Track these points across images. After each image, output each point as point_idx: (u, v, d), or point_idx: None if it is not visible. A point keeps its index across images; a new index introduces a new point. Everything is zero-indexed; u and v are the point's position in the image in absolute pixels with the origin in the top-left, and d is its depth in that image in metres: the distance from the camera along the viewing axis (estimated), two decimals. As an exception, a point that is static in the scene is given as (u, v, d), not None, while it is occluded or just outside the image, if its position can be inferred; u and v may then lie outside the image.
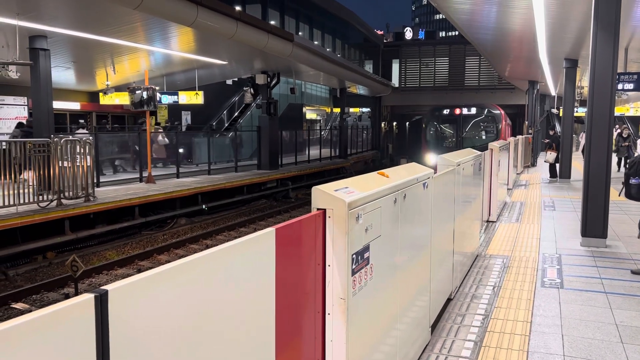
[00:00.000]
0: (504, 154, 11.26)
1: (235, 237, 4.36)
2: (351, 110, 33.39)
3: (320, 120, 37.82)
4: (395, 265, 3.17)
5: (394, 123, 42.81)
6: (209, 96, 20.04)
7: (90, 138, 10.99)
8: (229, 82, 25.21)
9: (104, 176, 13.76)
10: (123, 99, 17.82)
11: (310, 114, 36.03)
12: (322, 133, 27.32)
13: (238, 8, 16.98)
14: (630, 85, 11.82)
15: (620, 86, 11.67)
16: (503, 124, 21.60)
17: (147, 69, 15.58)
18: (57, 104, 16.48)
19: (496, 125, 21.47)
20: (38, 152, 9.57)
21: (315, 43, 27.95)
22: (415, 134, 24.69)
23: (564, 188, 14.11)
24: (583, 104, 21.11)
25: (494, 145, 9.71)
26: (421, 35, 55.56)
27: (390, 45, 43.12)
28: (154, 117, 20.14)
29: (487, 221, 9.02)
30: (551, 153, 16.15)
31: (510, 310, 4.74)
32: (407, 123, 43.65)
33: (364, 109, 40.00)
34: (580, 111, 21.88)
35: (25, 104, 16.95)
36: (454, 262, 5.11)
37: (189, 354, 1.55)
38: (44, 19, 10.19)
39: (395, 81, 38.62)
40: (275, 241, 2.00)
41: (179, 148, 16.73)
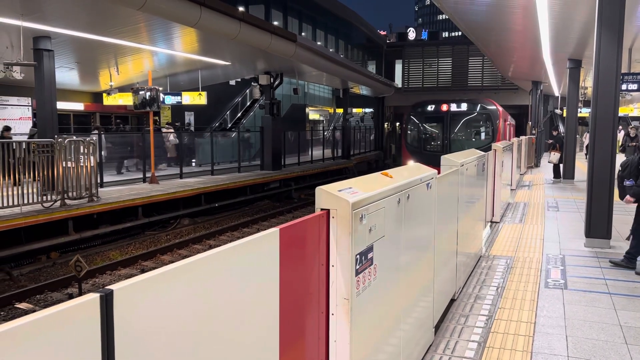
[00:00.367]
0: (507, 155, 11.24)
1: (238, 238, 4.36)
2: (354, 110, 33.41)
3: (323, 120, 37.83)
4: (399, 266, 3.17)
5: (397, 124, 42.77)
6: (212, 97, 20.07)
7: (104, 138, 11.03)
8: (232, 83, 25.24)
9: (108, 176, 13.79)
10: (127, 100, 17.89)
11: (313, 115, 36.03)
12: (325, 134, 27.29)
13: (241, 9, 17.03)
14: (634, 86, 11.78)
15: (624, 86, 11.64)
16: (500, 122, 17.65)
17: (151, 69, 15.61)
18: (61, 105, 16.53)
19: (492, 124, 17.66)
20: (42, 153, 9.60)
21: (318, 44, 27.94)
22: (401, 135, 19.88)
23: (567, 189, 14.07)
24: (587, 104, 21.08)
25: (497, 146, 9.67)
26: (424, 35, 55.46)
27: (393, 45, 43.08)
28: (160, 118, 20.23)
29: (491, 222, 9.00)
30: (555, 153, 16.10)
31: (514, 311, 4.73)
32: (397, 123, 40.51)
33: (367, 110, 39.98)
34: (584, 111, 21.76)
35: (29, 104, 17.00)
36: (457, 263, 5.10)
37: (193, 354, 1.55)
38: (48, 20, 10.22)
39: (398, 82, 38.61)
40: (279, 241, 2.00)
41: (192, 148, 17.00)
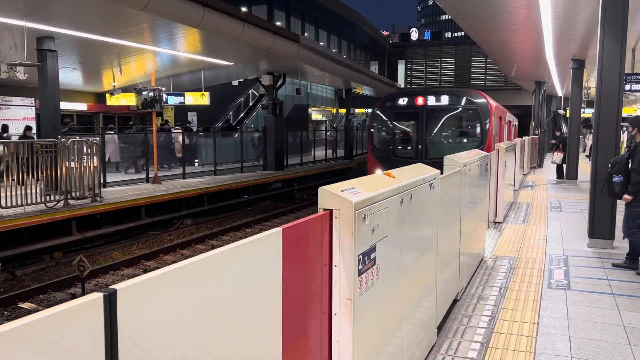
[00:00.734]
0: (511, 155, 11.22)
1: (241, 238, 4.37)
2: (357, 111, 33.37)
3: (325, 121, 37.84)
4: (402, 266, 3.17)
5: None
6: (215, 97, 20.10)
7: (115, 138, 11.10)
8: (235, 83, 25.28)
9: (111, 176, 13.82)
10: (130, 100, 17.94)
11: (315, 115, 36.05)
12: (328, 134, 27.28)
13: (244, 9, 17.03)
14: (637, 86, 11.78)
15: (627, 87, 11.64)
16: (492, 120, 13.21)
17: (154, 70, 15.64)
18: (64, 105, 16.58)
19: (480, 121, 13.14)
20: (45, 153, 9.63)
21: (321, 44, 27.95)
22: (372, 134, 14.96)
23: (570, 189, 14.04)
24: (590, 104, 21.02)
25: (501, 146, 9.63)
26: (427, 35, 55.48)
27: (396, 46, 43.11)
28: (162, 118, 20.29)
29: (494, 222, 8.99)
30: (558, 154, 16.08)
31: (517, 312, 4.72)
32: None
33: (370, 110, 39.97)
34: (588, 112, 21.69)
35: (33, 104, 17.06)
36: (460, 263, 5.09)
37: (196, 354, 1.55)
38: (51, 20, 10.25)
39: (401, 82, 38.61)
40: (282, 241, 2.00)
41: (196, 148, 17.17)
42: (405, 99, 13.78)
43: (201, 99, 18.37)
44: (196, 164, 17.56)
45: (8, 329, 1.01)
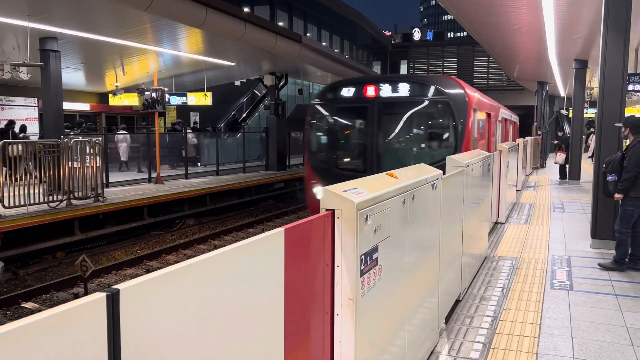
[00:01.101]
0: (513, 155, 11.20)
1: (243, 238, 4.37)
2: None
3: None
4: (404, 266, 3.17)
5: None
6: (217, 97, 20.12)
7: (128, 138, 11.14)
8: (237, 83, 25.30)
9: (114, 176, 13.84)
10: (132, 100, 17.97)
11: (318, 115, 35.98)
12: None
13: (246, 9, 17.06)
14: (640, 86, 11.73)
15: (630, 87, 11.60)
16: (471, 117, 9.01)
17: (156, 70, 15.67)
18: (67, 105, 16.63)
19: (453, 119, 8.91)
20: (48, 153, 9.65)
21: (323, 44, 27.96)
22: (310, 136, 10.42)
23: (573, 189, 14.02)
24: (593, 105, 20.97)
25: (503, 146, 9.58)
26: (429, 36, 55.41)
27: (398, 46, 43.10)
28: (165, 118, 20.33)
29: (496, 222, 8.98)
30: (561, 154, 16.05)
31: (520, 312, 4.71)
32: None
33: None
34: (590, 112, 21.65)
35: (36, 105, 17.11)
36: (462, 264, 5.09)
37: (199, 353, 1.55)
38: (54, 21, 10.27)
39: (403, 82, 38.53)
40: (284, 241, 2.00)
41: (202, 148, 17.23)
42: (352, 89, 9.68)
43: (203, 99, 18.39)
44: (199, 165, 17.57)
45: (11, 328, 1.01)
